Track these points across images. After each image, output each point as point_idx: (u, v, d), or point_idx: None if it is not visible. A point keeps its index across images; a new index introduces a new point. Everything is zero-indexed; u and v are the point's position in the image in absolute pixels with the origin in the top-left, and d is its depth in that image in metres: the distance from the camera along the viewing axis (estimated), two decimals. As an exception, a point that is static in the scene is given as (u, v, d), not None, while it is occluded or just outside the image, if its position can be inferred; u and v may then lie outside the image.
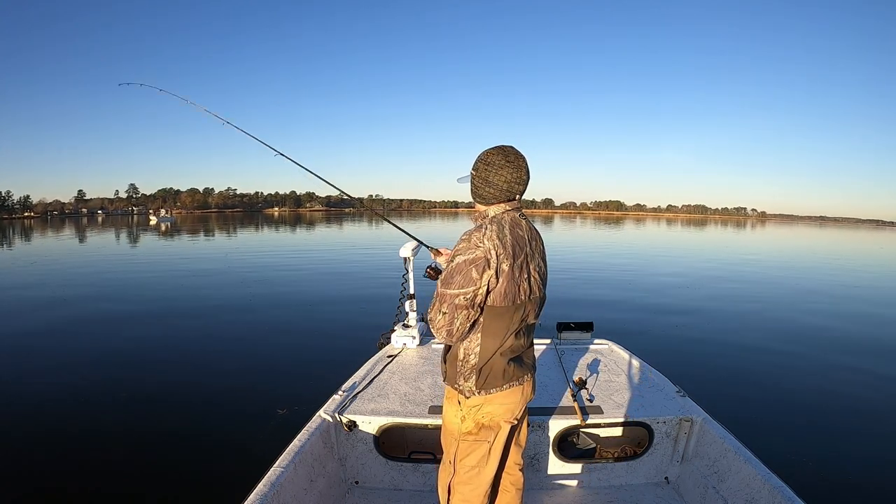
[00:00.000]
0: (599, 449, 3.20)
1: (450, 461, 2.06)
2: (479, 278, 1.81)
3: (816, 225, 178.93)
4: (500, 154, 1.94)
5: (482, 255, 1.81)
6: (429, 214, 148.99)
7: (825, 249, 36.45)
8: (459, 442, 2.02)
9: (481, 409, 1.98)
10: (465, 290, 1.81)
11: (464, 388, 1.97)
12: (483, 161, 1.96)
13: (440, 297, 1.87)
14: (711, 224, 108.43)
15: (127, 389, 5.71)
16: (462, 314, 1.83)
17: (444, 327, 1.85)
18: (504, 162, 1.92)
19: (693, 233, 57.44)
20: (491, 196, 1.96)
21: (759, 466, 2.42)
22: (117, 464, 4.11)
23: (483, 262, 1.81)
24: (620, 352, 3.88)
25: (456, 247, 1.89)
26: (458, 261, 1.83)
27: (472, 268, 1.81)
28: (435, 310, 1.88)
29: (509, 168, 1.92)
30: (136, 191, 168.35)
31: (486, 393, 1.96)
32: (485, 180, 1.95)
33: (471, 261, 1.81)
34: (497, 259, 1.83)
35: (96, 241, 32.91)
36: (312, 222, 69.31)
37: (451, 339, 1.89)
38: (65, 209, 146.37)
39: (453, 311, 1.83)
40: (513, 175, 1.93)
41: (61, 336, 8.20)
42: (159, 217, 73.14)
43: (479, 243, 1.83)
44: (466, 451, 2.02)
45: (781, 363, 7.15)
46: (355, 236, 38.18)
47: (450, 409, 2.07)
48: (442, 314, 1.84)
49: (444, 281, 1.87)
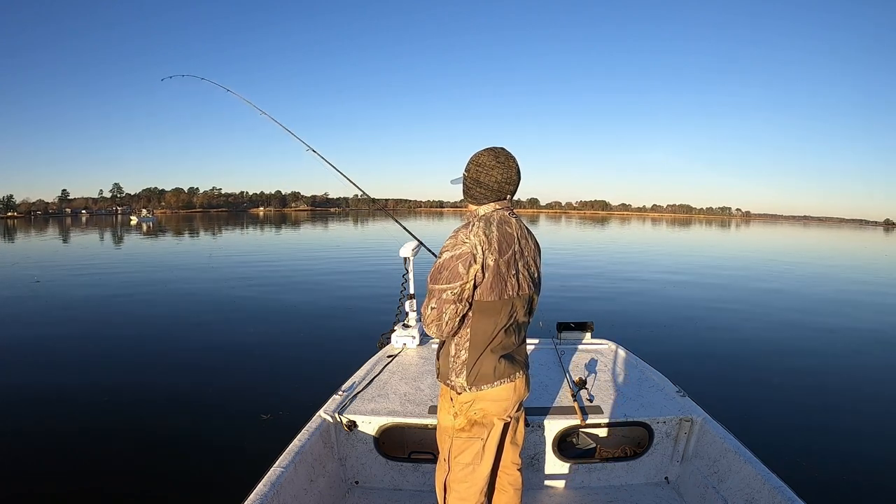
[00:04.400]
0: (599, 449, 3.20)
1: (444, 458, 2.09)
2: (465, 273, 1.86)
3: (800, 224, 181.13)
4: (491, 155, 2.00)
5: (468, 250, 1.87)
6: (414, 214, 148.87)
7: (820, 248, 36.82)
8: (453, 439, 2.05)
9: (473, 406, 2.00)
10: (452, 284, 1.87)
11: (455, 383, 2.01)
12: (474, 162, 2.02)
13: (429, 292, 1.94)
14: (696, 224, 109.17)
15: (126, 390, 5.66)
16: (450, 308, 1.88)
17: (433, 321, 1.92)
18: (494, 163, 1.98)
19: (684, 232, 57.79)
20: (482, 196, 2.02)
21: (759, 466, 2.43)
22: (117, 464, 4.07)
23: (469, 257, 1.86)
24: (620, 352, 3.88)
25: (444, 244, 1.95)
26: (445, 257, 1.90)
27: (459, 263, 1.86)
28: (425, 305, 1.95)
29: (499, 169, 1.98)
30: (120, 190, 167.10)
31: (476, 389, 1.99)
32: (475, 181, 2.01)
33: (457, 256, 1.87)
34: (483, 254, 1.88)
35: (77, 240, 32.43)
36: (298, 222, 68.93)
37: (441, 333, 1.94)
38: (48, 209, 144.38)
39: (441, 305, 1.89)
40: (503, 175, 1.99)
41: (61, 337, 8.08)
42: (140, 217, 72.07)
43: (466, 239, 1.89)
44: (460, 449, 2.04)
45: (782, 363, 7.17)
46: (352, 236, 38.05)
47: (443, 407, 2.11)
48: (431, 309, 1.91)
49: (432, 277, 1.93)
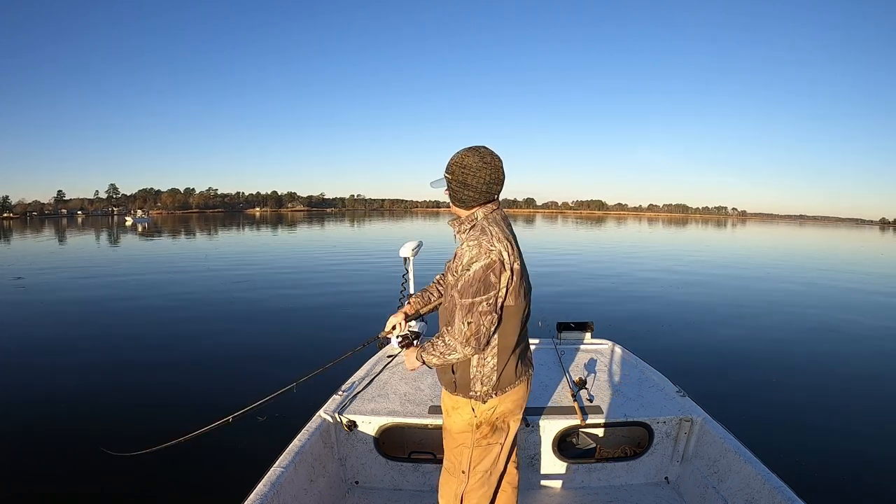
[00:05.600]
0: (599, 449, 3.20)
1: (463, 471, 2.02)
2: (497, 282, 1.80)
3: (796, 224, 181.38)
4: (476, 156, 1.90)
5: (496, 258, 1.80)
6: (411, 214, 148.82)
7: (817, 248, 36.81)
8: (473, 449, 1.99)
9: (497, 411, 1.96)
10: (487, 295, 1.79)
11: (481, 392, 1.93)
12: (458, 164, 1.92)
13: (461, 307, 1.82)
14: (693, 223, 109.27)
15: (125, 390, 5.65)
16: (487, 319, 1.80)
17: (472, 336, 1.80)
18: (481, 164, 1.89)
19: (681, 232, 57.92)
20: (470, 199, 1.93)
21: (759, 466, 2.44)
22: (116, 464, 4.02)
23: (499, 265, 1.80)
24: (620, 352, 3.88)
25: (465, 255, 1.83)
26: (475, 268, 1.80)
27: (490, 273, 1.79)
28: (458, 323, 1.82)
29: (487, 170, 1.89)
30: (116, 191, 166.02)
31: (502, 393, 1.95)
32: (462, 184, 1.91)
33: (487, 266, 1.79)
34: (510, 259, 1.83)
35: (70, 241, 32.26)
36: (294, 222, 68.60)
37: (479, 347, 1.84)
38: (44, 210, 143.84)
39: (478, 318, 1.79)
40: (490, 176, 1.90)
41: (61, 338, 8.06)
42: (135, 218, 71.39)
43: (491, 247, 1.80)
44: (481, 457, 2.00)
45: (782, 363, 7.16)
46: (350, 236, 37.97)
47: (460, 418, 2.00)
48: (468, 324, 1.80)
49: (463, 291, 1.82)
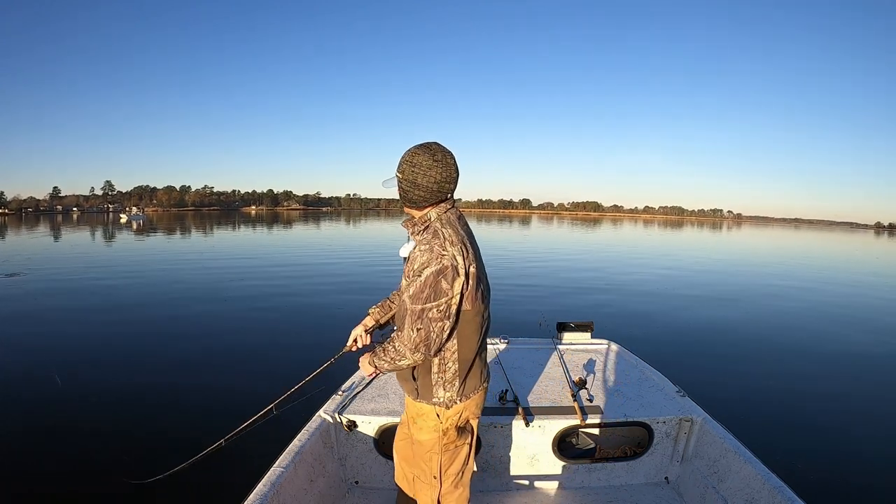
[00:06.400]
0: (599, 449, 3.19)
1: (434, 476, 1.99)
2: (449, 288, 1.72)
3: (791, 227, 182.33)
4: (427, 153, 1.79)
5: (448, 263, 1.72)
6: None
7: (815, 252, 36.91)
8: (441, 454, 1.96)
9: (462, 415, 1.94)
10: (438, 301, 1.72)
11: (444, 398, 1.89)
12: (408, 162, 1.81)
13: (411, 313, 1.75)
14: (688, 225, 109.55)
15: (123, 390, 5.61)
16: (437, 326, 1.74)
17: (420, 343, 1.74)
18: (432, 162, 1.78)
19: (678, 234, 57.98)
20: (421, 199, 1.84)
21: (759, 466, 2.44)
22: (116, 464, 4.02)
23: (451, 270, 1.72)
24: (620, 352, 3.89)
25: (417, 260, 1.77)
26: (426, 274, 1.72)
27: (442, 279, 1.71)
28: (408, 327, 1.76)
29: (438, 168, 1.79)
30: (111, 188, 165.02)
31: (466, 398, 1.92)
32: (412, 183, 1.81)
33: (439, 272, 1.71)
34: (464, 263, 1.75)
35: (65, 238, 32.09)
36: (291, 221, 68.46)
37: (430, 352, 1.78)
38: (40, 206, 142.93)
39: (428, 325, 1.73)
40: (442, 174, 1.80)
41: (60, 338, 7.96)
42: (130, 215, 71.27)
43: (443, 251, 1.72)
44: (450, 460, 1.98)
45: (782, 363, 7.17)
46: (347, 235, 37.77)
47: (424, 426, 1.95)
48: (417, 330, 1.73)
49: (413, 297, 1.74)
